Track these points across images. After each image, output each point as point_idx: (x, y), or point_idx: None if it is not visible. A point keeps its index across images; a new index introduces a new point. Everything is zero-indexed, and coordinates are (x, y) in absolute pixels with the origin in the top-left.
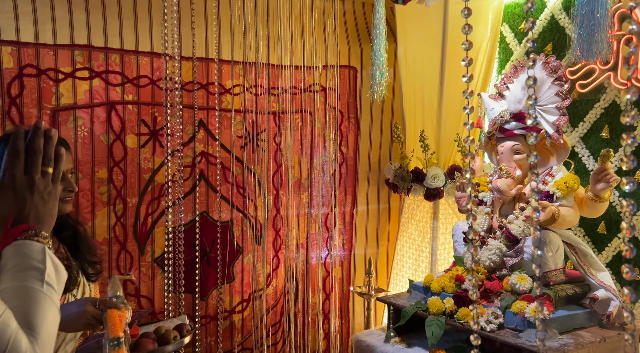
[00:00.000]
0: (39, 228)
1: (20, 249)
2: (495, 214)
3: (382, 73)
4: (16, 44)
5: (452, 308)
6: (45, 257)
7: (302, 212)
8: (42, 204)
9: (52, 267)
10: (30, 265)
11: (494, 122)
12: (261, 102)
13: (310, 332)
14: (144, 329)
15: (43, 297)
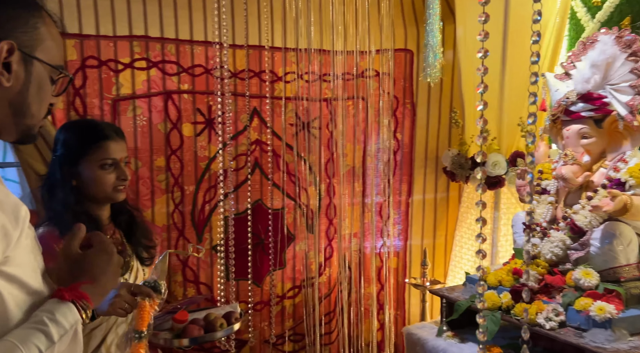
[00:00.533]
0: (92, 305)
1: (56, 309)
2: (559, 204)
3: (435, 54)
4: (79, 37)
5: (509, 303)
6: (69, 332)
7: (355, 201)
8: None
9: (65, 345)
10: (45, 331)
11: (558, 104)
12: (314, 89)
13: (365, 323)
14: (195, 315)
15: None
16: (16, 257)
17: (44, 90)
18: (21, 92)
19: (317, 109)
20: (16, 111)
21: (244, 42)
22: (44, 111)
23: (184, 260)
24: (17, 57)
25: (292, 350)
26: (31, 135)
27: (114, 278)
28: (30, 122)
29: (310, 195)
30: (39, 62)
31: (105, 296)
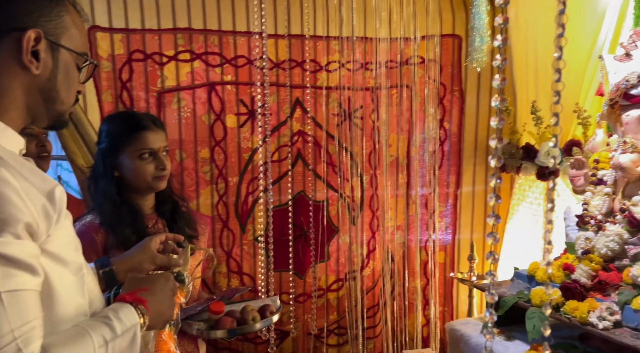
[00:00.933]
0: (149, 314)
1: (119, 308)
2: (617, 195)
3: (482, 38)
4: (125, 31)
5: (558, 300)
6: (130, 330)
7: (399, 193)
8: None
9: (127, 341)
10: (110, 324)
11: (617, 87)
12: (356, 78)
13: (410, 318)
14: (234, 307)
15: (89, 350)
16: (58, 237)
17: (71, 77)
18: (50, 79)
19: (360, 98)
20: (47, 98)
21: (286, 32)
22: (72, 98)
23: (228, 252)
24: (44, 46)
25: (337, 343)
26: (62, 121)
27: (170, 302)
28: (61, 108)
29: (353, 186)
30: (65, 50)
31: (161, 316)
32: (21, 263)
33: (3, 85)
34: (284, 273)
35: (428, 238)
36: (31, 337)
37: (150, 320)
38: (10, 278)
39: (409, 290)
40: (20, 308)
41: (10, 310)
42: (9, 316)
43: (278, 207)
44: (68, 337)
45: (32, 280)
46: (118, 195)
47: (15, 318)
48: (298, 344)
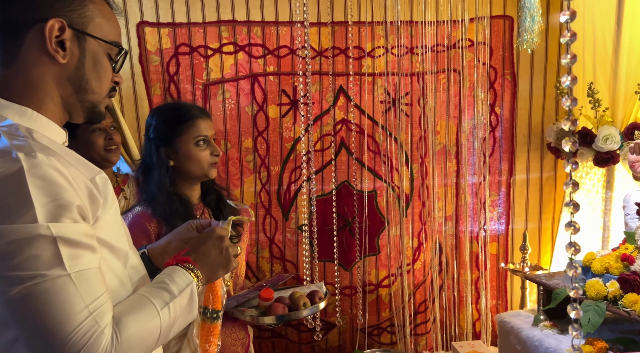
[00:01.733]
0: (199, 268)
1: (172, 272)
2: None
3: (533, 17)
4: (172, 26)
5: (616, 292)
6: (186, 289)
7: (448, 182)
8: (215, 253)
9: (186, 299)
10: (166, 287)
11: None
12: (404, 63)
13: (462, 311)
14: (282, 293)
15: (153, 314)
16: (106, 222)
17: (101, 66)
18: (78, 67)
19: (406, 85)
20: (77, 87)
21: (329, 19)
22: (105, 87)
23: (271, 238)
24: (69, 35)
25: (390, 341)
26: (96, 112)
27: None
28: (93, 98)
29: (402, 176)
30: (92, 39)
31: (214, 268)
32: (83, 244)
33: (35, 77)
34: (328, 264)
35: (479, 228)
36: (103, 310)
37: (204, 273)
38: (76, 260)
39: (460, 283)
40: (89, 286)
41: (82, 288)
42: (82, 294)
43: (321, 196)
44: (132, 305)
45: (94, 259)
46: (172, 187)
47: (88, 295)
48: (345, 338)
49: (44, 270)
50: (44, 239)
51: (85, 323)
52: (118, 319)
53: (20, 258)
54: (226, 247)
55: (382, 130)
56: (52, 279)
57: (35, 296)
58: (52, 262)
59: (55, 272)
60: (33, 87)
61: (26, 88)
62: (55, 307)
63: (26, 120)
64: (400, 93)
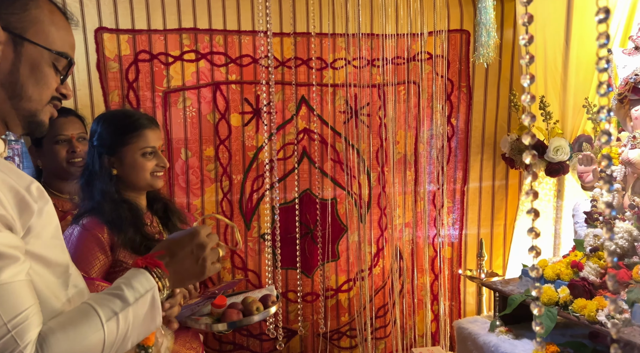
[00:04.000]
0: (167, 274)
1: (132, 277)
2: (626, 191)
3: (489, 33)
4: (132, 32)
5: (566, 298)
6: (145, 296)
7: (407, 190)
8: (190, 262)
9: (145, 307)
10: (120, 295)
11: (626, 81)
12: (363, 75)
13: (419, 314)
14: (232, 299)
15: (96, 326)
16: (39, 233)
17: (40, 72)
18: (12, 72)
19: (366, 96)
20: (10, 93)
21: (291, 30)
22: (45, 96)
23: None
24: (4, 38)
25: (349, 345)
26: (35, 122)
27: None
28: (30, 106)
29: (361, 184)
30: (31, 44)
31: (186, 276)
32: (5, 255)
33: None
34: (290, 271)
35: (436, 234)
36: (26, 326)
37: (172, 281)
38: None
39: (418, 287)
40: (11, 300)
41: (2, 303)
42: (1, 310)
43: (284, 204)
44: (70, 318)
45: (19, 271)
46: (117, 194)
47: (8, 311)
48: (307, 344)
49: None
50: None
51: (2, 341)
52: (44, 336)
53: None
54: (204, 257)
55: (342, 140)
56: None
57: None
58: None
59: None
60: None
61: None
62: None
63: None
64: (361, 104)
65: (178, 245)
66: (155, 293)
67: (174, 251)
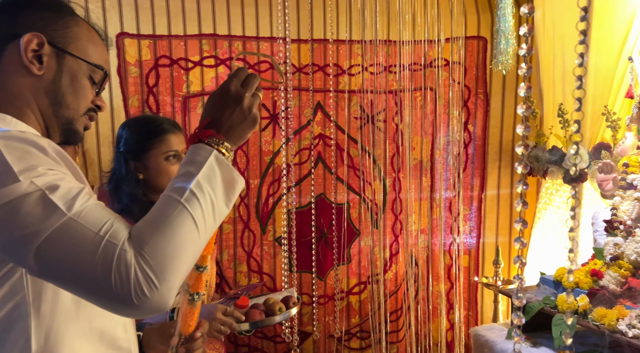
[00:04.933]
0: (223, 139)
1: (192, 152)
2: None
3: (507, 40)
4: (152, 37)
5: (586, 306)
6: (206, 161)
7: (423, 196)
8: (239, 120)
9: (211, 171)
10: (185, 171)
11: None
12: (379, 81)
13: (434, 322)
14: (254, 301)
15: (174, 208)
16: None
17: (78, 83)
18: (54, 81)
19: (382, 102)
20: (52, 100)
21: (309, 36)
22: (82, 106)
23: (249, 252)
24: (48, 51)
25: (359, 347)
26: (72, 130)
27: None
28: (68, 114)
29: (376, 189)
30: (71, 57)
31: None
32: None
33: (12, 87)
34: (304, 274)
35: (452, 241)
36: (116, 229)
37: (232, 142)
38: (70, 202)
39: (433, 294)
40: (94, 216)
41: (86, 222)
42: (88, 226)
43: (299, 208)
44: (150, 212)
45: (88, 197)
46: (145, 196)
47: (95, 224)
48: (319, 346)
49: (44, 221)
50: (32, 195)
51: (102, 247)
52: (134, 231)
53: (17, 219)
54: (249, 107)
55: (357, 146)
56: (56, 227)
57: (48, 248)
58: (48, 212)
59: (55, 220)
60: (11, 96)
61: (5, 97)
62: (70, 248)
63: (5, 125)
64: (376, 110)
65: (217, 106)
66: (217, 155)
67: (216, 114)
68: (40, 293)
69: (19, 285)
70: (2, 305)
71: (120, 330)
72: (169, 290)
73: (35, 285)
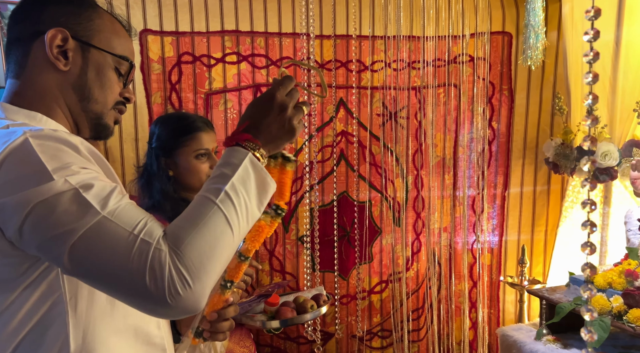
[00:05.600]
0: (259, 144)
1: (228, 154)
2: None
3: (537, 35)
4: (175, 34)
5: (620, 308)
6: (241, 164)
7: (445, 194)
8: (277, 127)
9: (245, 174)
10: (220, 173)
11: None
12: (402, 77)
13: (456, 321)
14: (285, 298)
15: (209, 209)
16: None
17: (105, 76)
18: (80, 75)
19: (404, 98)
20: (80, 95)
21: (332, 32)
22: (110, 99)
23: (271, 250)
24: (73, 45)
25: (380, 346)
26: (102, 124)
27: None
28: (96, 108)
29: (397, 187)
30: (96, 50)
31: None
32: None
33: (40, 84)
34: (327, 274)
35: (475, 240)
36: (150, 228)
37: (267, 149)
38: (104, 200)
39: (455, 293)
40: (128, 215)
41: (120, 221)
42: (123, 225)
43: (321, 207)
44: (184, 212)
45: (122, 196)
46: (175, 193)
47: (128, 224)
48: (342, 346)
49: (79, 220)
50: (66, 193)
51: (137, 246)
52: (168, 231)
53: (52, 218)
54: (290, 118)
55: (379, 143)
56: (90, 226)
57: (84, 247)
58: (82, 211)
59: (89, 218)
60: (40, 94)
61: (35, 95)
62: (105, 247)
63: (36, 123)
64: (399, 106)
65: (259, 112)
66: (252, 158)
67: (257, 119)
68: (77, 291)
69: (55, 284)
70: (40, 303)
71: (153, 327)
72: (203, 289)
73: (72, 283)
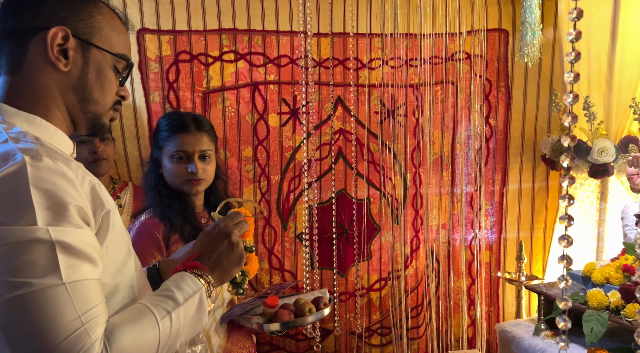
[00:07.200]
0: (209, 273)
1: (179, 279)
2: None
3: (534, 32)
4: (173, 33)
5: (618, 303)
6: (193, 297)
7: (443, 191)
8: (226, 260)
9: (194, 307)
10: (171, 296)
11: None
12: (399, 75)
13: (455, 318)
14: (285, 300)
15: (152, 324)
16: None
17: (105, 77)
18: (81, 76)
19: (402, 96)
20: (80, 97)
21: (329, 30)
22: (109, 99)
23: (270, 249)
24: (73, 44)
25: (380, 343)
26: (99, 124)
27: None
28: (96, 109)
29: (396, 184)
30: (96, 49)
31: (227, 268)
32: (83, 254)
33: (39, 85)
34: (325, 271)
35: (473, 237)
36: (96, 321)
37: (216, 277)
38: (74, 269)
39: (454, 290)
40: (85, 296)
41: (76, 298)
42: (76, 304)
43: (320, 205)
44: (129, 316)
45: (93, 271)
46: (164, 188)
47: (82, 306)
48: (340, 343)
49: (39, 277)
50: (41, 244)
51: (76, 334)
52: (111, 331)
53: (15, 263)
54: (236, 244)
55: (377, 140)
56: (46, 288)
57: (27, 304)
58: (47, 269)
59: (50, 281)
60: (39, 95)
61: (33, 96)
62: (47, 315)
63: (35, 128)
64: (396, 104)
65: (208, 241)
66: (203, 294)
67: (206, 249)
68: None
69: None
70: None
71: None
72: None
73: None
